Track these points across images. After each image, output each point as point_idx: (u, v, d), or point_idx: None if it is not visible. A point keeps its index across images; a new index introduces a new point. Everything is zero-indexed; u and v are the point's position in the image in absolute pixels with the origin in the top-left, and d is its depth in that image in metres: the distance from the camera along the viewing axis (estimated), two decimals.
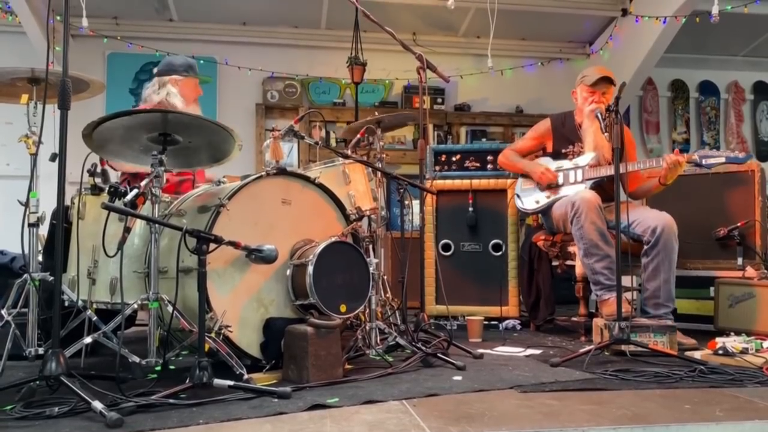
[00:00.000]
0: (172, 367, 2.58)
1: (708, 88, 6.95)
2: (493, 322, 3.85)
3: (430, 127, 6.10)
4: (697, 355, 2.72)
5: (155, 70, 3.40)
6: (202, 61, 5.75)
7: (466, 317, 3.48)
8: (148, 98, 3.29)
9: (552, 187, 3.49)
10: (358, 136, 3.07)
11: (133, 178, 3.19)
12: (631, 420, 1.79)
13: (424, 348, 2.65)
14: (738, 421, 1.79)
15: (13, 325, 2.23)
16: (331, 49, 6.03)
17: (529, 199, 3.57)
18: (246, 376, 2.16)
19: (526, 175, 3.64)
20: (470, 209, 3.94)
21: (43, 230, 2.58)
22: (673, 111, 6.89)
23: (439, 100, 6.22)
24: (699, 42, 6.18)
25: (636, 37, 5.67)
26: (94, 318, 2.38)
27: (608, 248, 3.13)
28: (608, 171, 3.29)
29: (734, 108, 6.99)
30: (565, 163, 3.50)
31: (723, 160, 3.08)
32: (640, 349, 2.72)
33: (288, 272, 2.49)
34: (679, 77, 6.86)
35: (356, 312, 2.56)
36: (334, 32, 5.99)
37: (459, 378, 2.34)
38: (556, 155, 3.58)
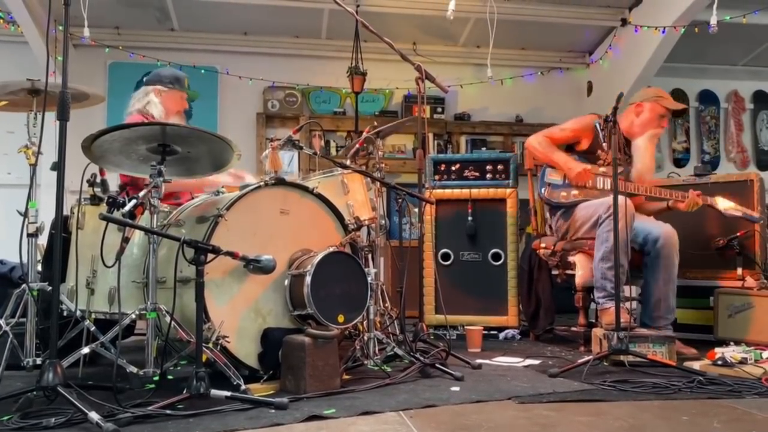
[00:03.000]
0: (170, 376, 2.58)
1: (708, 98, 6.95)
2: (492, 332, 3.85)
3: (430, 136, 6.11)
4: (696, 365, 2.71)
5: (144, 79, 3.40)
6: (203, 71, 5.80)
7: (466, 327, 3.47)
8: (132, 108, 3.27)
9: (582, 187, 3.42)
10: (357, 145, 3.08)
11: (132, 188, 3.18)
12: None
13: (422, 358, 2.65)
14: None
15: (11, 335, 2.24)
16: (332, 59, 6.04)
17: (558, 191, 3.47)
18: (243, 387, 2.15)
19: (551, 167, 3.51)
20: (470, 218, 3.95)
21: (43, 240, 2.60)
22: (672, 120, 6.89)
23: (439, 110, 6.23)
24: (699, 51, 6.20)
25: (635, 47, 5.69)
26: (92, 328, 2.39)
27: (624, 258, 3.09)
28: (638, 190, 3.33)
29: (734, 117, 6.99)
30: (600, 169, 3.42)
31: (740, 215, 3.26)
32: (639, 359, 2.72)
33: (286, 282, 2.49)
34: (679, 86, 6.85)
35: (354, 322, 2.56)
36: (335, 42, 6.01)
37: (457, 389, 2.34)
38: (587, 157, 3.47)
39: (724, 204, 3.32)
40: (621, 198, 3.22)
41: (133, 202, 2.05)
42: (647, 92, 3.53)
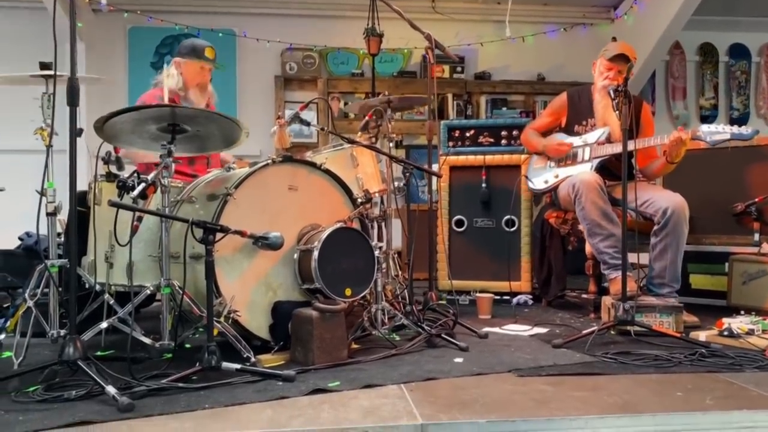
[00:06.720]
0: (187, 345, 2.71)
1: (739, 52, 6.72)
2: (505, 297, 3.90)
3: (449, 96, 6.04)
4: (702, 335, 2.73)
5: None
6: (220, 34, 5.79)
7: (477, 294, 3.53)
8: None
9: (564, 160, 3.48)
10: (366, 118, 3.09)
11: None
12: (620, 408, 1.83)
13: (428, 328, 2.71)
14: (726, 410, 1.82)
15: (34, 311, 2.36)
16: (350, 19, 5.96)
17: (539, 179, 3.59)
18: (253, 359, 2.26)
19: (539, 154, 3.65)
20: (483, 185, 3.95)
21: (65, 214, 2.70)
22: (701, 76, 6.69)
23: (459, 69, 6.14)
24: (729, 3, 5.96)
25: (662, 1, 5.50)
26: (111, 301, 2.51)
27: (612, 227, 3.13)
28: (614, 149, 3.27)
29: (766, 71, 6.75)
30: (576, 140, 3.47)
31: (728, 136, 3.02)
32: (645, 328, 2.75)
33: (295, 256, 2.56)
34: (708, 40, 6.63)
35: (362, 295, 2.63)
36: (352, 1, 5.93)
37: (460, 360, 2.41)
38: (569, 132, 3.56)
39: (705, 130, 3.07)
40: (585, 173, 3.24)
41: (143, 185, 2.12)
42: (601, 52, 3.48)
